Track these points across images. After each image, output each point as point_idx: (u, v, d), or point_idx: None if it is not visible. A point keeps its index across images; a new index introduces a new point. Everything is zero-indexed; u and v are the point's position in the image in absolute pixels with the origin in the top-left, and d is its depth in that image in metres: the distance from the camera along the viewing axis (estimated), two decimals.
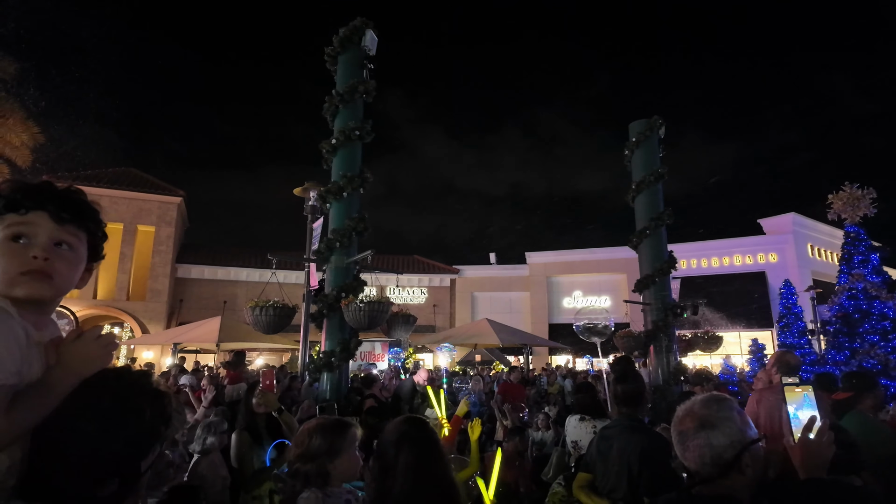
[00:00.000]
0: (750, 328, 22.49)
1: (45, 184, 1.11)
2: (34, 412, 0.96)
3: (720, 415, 1.29)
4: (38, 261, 1.04)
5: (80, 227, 1.12)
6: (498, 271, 28.79)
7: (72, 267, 1.11)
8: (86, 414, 0.98)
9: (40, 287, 1.04)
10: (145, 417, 1.05)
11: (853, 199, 12.46)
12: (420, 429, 1.73)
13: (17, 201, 1.05)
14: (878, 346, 11.24)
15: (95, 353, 1.07)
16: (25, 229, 1.05)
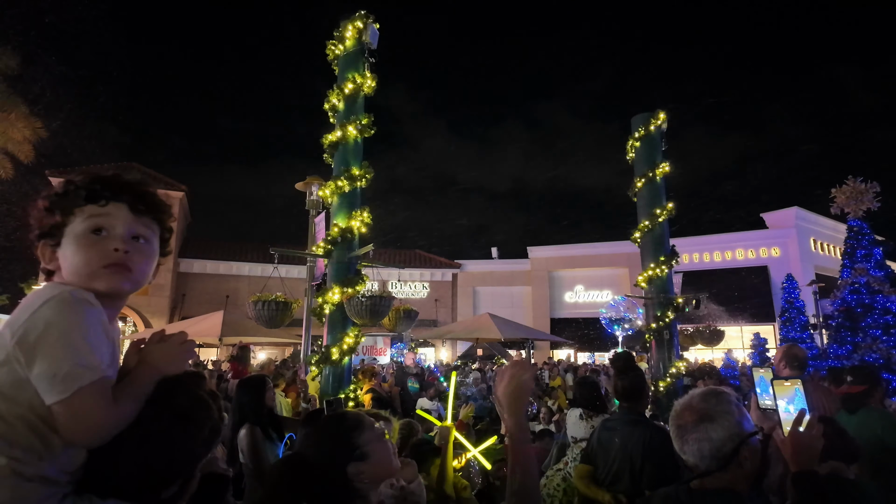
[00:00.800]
0: (752, 322, 22.48)
1: (118, 176, 1.11)
2: (133, 405, 0.97)
3: (719, 408, 1.31)
4: (118, 253, 1.04)
5: (155, 219, 1.13)
6: (499, 266, 28.81)
7: (148, 260, 1.12)
8: (165, 415, 0.99)
9: (121, 280, 1.05)
10: (213, 414, 1.08)
11: (856, 194, 12.42)
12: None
13: (97, 192, 1.05)
14: (880, 340, 11.23)
15: (179, 356, 1.09)
16: (105, 221, 1.05)
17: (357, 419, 1.39)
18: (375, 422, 1.46)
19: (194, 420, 1.01)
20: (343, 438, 1.31)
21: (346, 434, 1.32)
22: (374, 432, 1.36)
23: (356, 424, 1.36)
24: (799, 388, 1.48)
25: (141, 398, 0.99)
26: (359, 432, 1.33)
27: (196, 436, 1.01)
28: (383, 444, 1.37)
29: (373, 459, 1.31)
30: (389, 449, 1.38)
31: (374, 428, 1.38)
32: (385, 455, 1.36)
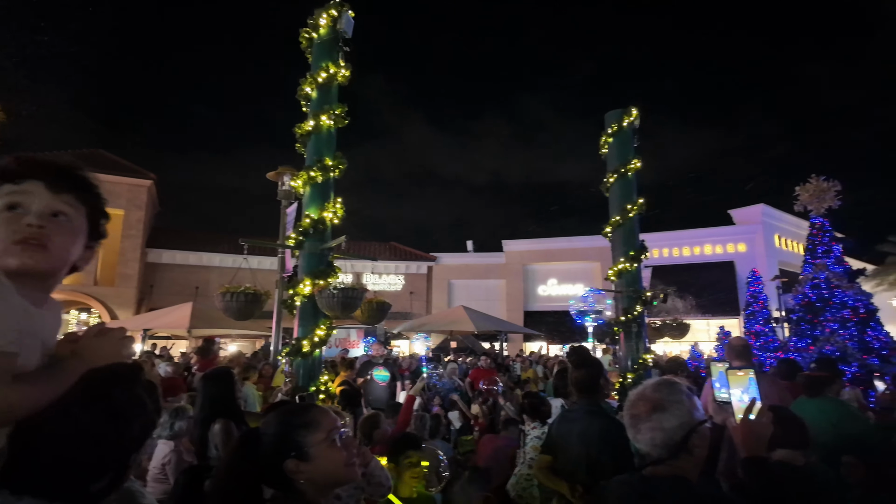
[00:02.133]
0: (718, 316, 23.12)
1: (43, 156, 1.07)
2: (41, 392, 0.93)
3: (671, 398, 1.35)
4: (31, 228, 1.00)
5: (79, 198, 1.09)
6: (475, 259, 28.94)
7: (69, 237, 1.07)
8: (95, 406, 0.95)
9: (34, 256, 1.00)
10: (148, 410, 1.04)
11: (819, 192, 12.87)
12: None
13: (12, 171, 1.02)
14: (837, 333, 11.69)
15: (115, 352, 1.05)
16: (21, 198, 1.02)
17: (311, 418, 1.31)
18: (344, 425, 1.38)
19: (125, 416, 0.98)
20: (288, 433, 1.27)
21: (294, 430, 1.27)
22: (326, 435, 1.28)
23: (308, 423, 1.29)
24: (752, 377, 1.54)
25: (57, 387, 0.95)
26: (308, 432, 1.27)
27: (125, 432, 0.98)
28: (335, 451, 1.28)
29: (316, 463, 1.24)
30: (343, 458, 1.29)
31: (330, 430, 1.30)
32: (333, 462, 1.27)
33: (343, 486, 1.89)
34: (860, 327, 11.59)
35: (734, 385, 1.56)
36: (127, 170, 21.36)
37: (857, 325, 11.61)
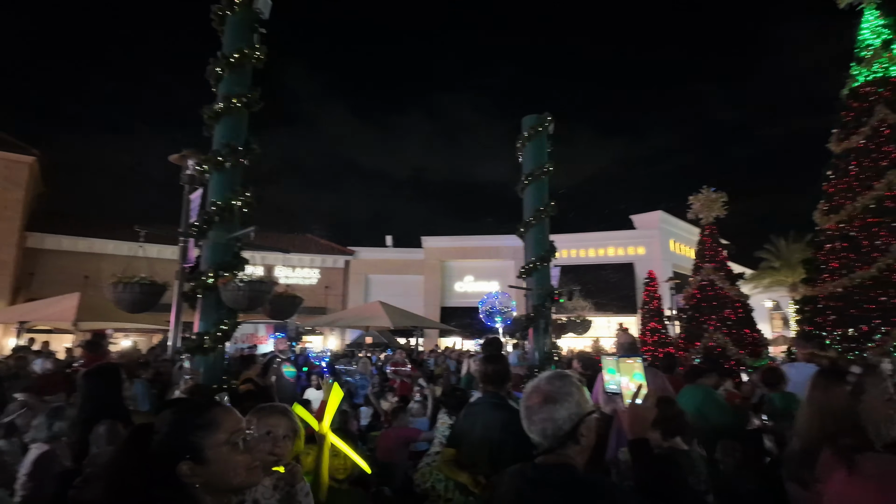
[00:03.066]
0: (618, 313, 24.79)
1: None
2: None
3: (563, 390, 1.43)
4: None
5: None
6: (394, 254, 28.83)
7: None
8: None
9: None
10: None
11: (709, 202, 14.15)
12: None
13: None
14: (719, 331, 12.98)
15: None
16: None
17: (211, 418, 1.20)
18: (246, 427, 1.28)
19: None
20: (184, 433, 1.17)
21: (191, 430, 1.17)
22: (227, 436, 1.19)
23: (207, 423, 1.19)
24: (638, 365, 1.68)
25: None
26: (206, 432, 1.17)
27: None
28: (236, 454, 1.19)
29: (214, 467, 1.15)
30: (245, 462, 1.21)
31: (233, 432, 1.21)
32: (233, 466, 1.18)
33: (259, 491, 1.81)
34: (738, 325, 12.92)
35: (624, 372, 1.69)
36: (4, 144, 18.95)
37: (735, 323, 12.93)
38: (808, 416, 1.69)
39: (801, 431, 1.71)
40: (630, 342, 4.10)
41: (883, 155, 9.87)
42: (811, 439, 1.62)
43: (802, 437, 1.68)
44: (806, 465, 1.59)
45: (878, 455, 1.45)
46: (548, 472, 1.35)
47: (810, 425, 1.66)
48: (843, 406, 1.58)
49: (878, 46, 10.52)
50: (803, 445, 1.65)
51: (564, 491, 1.29)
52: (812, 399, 1.69)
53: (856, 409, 1.57)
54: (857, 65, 10.83)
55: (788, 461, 1.73)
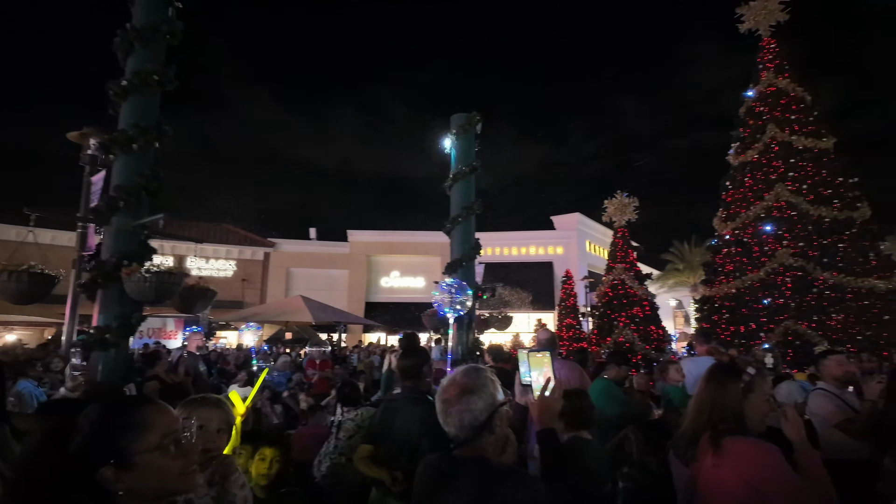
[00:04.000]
0: (537, 310, 25.77)
1: None
2: None
3: (478, 382, 1.48)
4: None
5: None
6: (318, 247, 28.07)
7: None
8: None
9: None
10: None
11: (622, 206, 15.05)
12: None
13: None
14: (628, 327, 13.85)
15: None
16: None
17: (141, 418, 1.09)
18: (182, 427, 1.16)
19: None
20: (108, 435, 1.05)
21: (117, 431, 1.05)
22: (159, 439, 1.08)
23: (137, 424, 1.07)
24: (548, 359, 1.75)
25: None
26: (136, 435, 1.05)
27: None
28: (167, 459, 1.08)
29: (142, 472, 1.04)
30: (178, 467, 1.10)
31: (166, 434, 1.10)
32: (164, 472, 1.07)
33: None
34: (645, 322, 13.86)
35: (534, 367, 1.77)
36: None
37: (643, 320, 13.86)
38: (699, 403, 1.87)
39: (691, 416, 1.89)
40: (549, 338, 4.29)
41: (773, 169, 10.97)
42: (699, 424, 1.83)
43: (692, 421, 1.87)
44: (691, 446, 1.81)
45: (739, 438, 1.70)
46: (463, 465, 1.39)
47: (700, 412, 1.85)
48: (732, 400, 1.79)
49: (771, 71, 11.67)
50: (691, 429, 1.85)
51: (479, 482, 1.33)
52: (707, 389, 1.87)
53: (743, 403, 1.80)
54: (753, 86, 11.95)
55: (677, 442, 1.92)
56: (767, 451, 1.64)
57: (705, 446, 1.75)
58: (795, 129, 11.05)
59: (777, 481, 1.57)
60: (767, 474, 1.58)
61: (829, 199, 10.40)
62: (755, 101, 11.76)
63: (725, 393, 1.81)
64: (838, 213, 10.21)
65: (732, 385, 1.82)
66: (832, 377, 3.80)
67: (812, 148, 10.83)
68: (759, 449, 1.65)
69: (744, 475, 1.61)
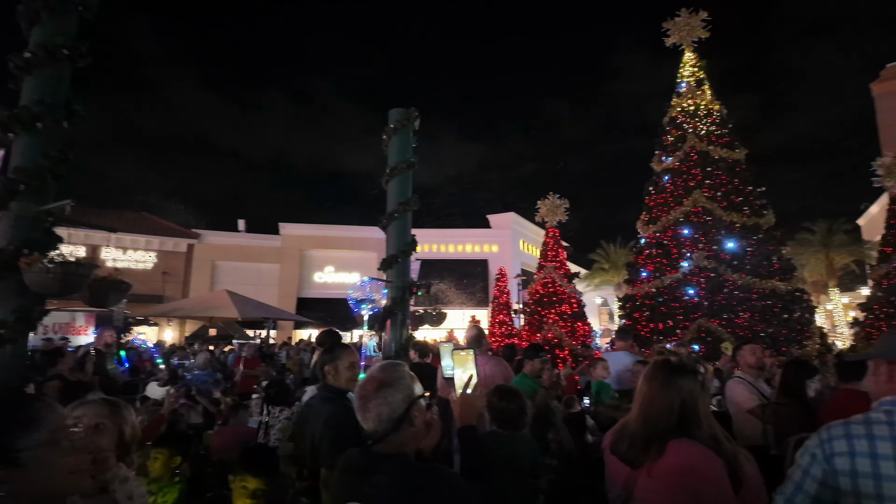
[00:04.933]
0: (471, 307, 26.15)
1: None
2: None
3: (395, 375, 1.49)
4: None
5: None
6: (247, 240, 26.96)
7: None
8: None
9: None
10: None
11: (553, 207, 15.57)
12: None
13: None
14: (557, 324, 14.37)
15: None
16: None
17: (30, 415, 1.04)
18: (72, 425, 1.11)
19: None
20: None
21: (3, 429, 1.00)
22: (49, 436, 1.03)
23: (25, 421, 1.02)
24: (471, 357, 1.78)
25: None
26: (23, 432, 1.00)
27: None
28: (55, 456, 1.03)
29: (29, 472, 0.98)
30: (68, 466, 1.05)
31: (55, 430, 1.05)
32: (52, 471, 1.02)
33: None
34: (573, 319, 14.43)
35: (458, 364, 1.79)
36: None
37: (571, 317, 14.42)
38: (650, 402, 1.73)
39: (640, 416, 1.74)
40: (476, 335, 4.37)
41: (691, 176, 11.72)
42: (649, 425, 1.69)
43: (641, 422, 1.73)
44: (640, 448, 1.67)
45: (685, 442, 1.61)
46: (381, 460, 1.38)
47: (649, 412, 1.71)
48: (685, 399, 1.67)
49: (693, 84, 12.47)
50: (641, 431, 1.70)
51: (397, 477, 1.33)
52: (660, 388, 1.73)
53: (697, 404, 1.68)
54: (676, 97, 12.71)
55: (621, 439, 1.77)
56: (712, 460, 1.58)
57: (656, 449, 1.63)
58: (712, 140, 11.88)
59: (716, 494, 1.52)
60: (706, 489, 1.52)
61: (739, 206, 11.27)
62: (677, 111, 12.52)
63: (679, 392, 1.68)
64: (747, 220, 11.09)
65: (687, 384, 1.70)
66: (748, 365, 4.11)
67: (726, 158, 11.68)
68: (704, 456, 1.58)
69: (684, 482, 1.54)
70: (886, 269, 11.69)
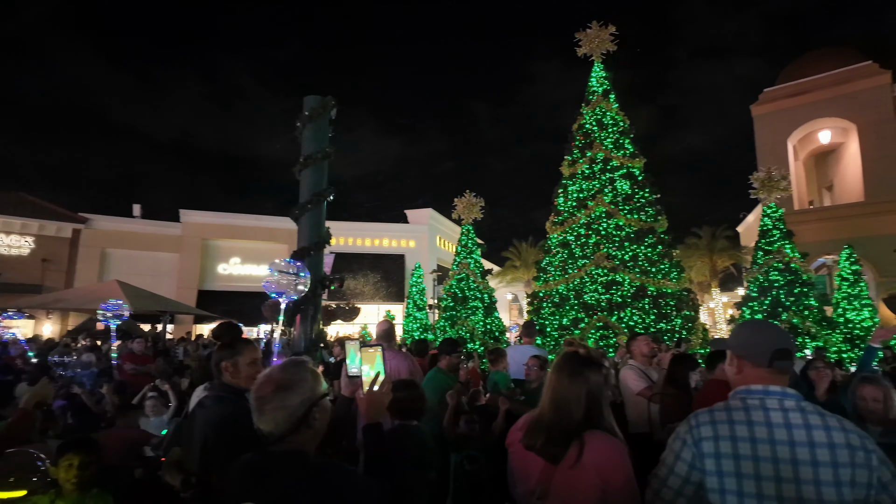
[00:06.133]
0: (387, 301, 26.04)
1: None
2: None
3: (296, 377, 1.42)
4: None
5: None
6: (142, 226, 24.90)
7: None
8: None
9: None
10: None
11: (470, 205, 15.89)
12: None
13: None
14: (471, 318, 14.70)
15: None
16: None
17: None
18: None
19: None
20: None
21: None
22: None
23: None
24: (379, 354, 1.77)
25: None
26: None
27: None
28: None
29: None
30: None
31: None
32: None
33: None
34: (486, 314, 14.82)
35: (365, 361, 1.78)
36: None
37: (483, 312, 14.80)
38: (560, 394, 1.73)
39: (552, 409, 1.74)
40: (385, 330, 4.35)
41: (597, 181, 12.44)
42: (563, 417, 1.70)
43: (554, 416, 1.72)
44: (558, 440, 1.67)
45: (600, 434, 1.67)
46: (278, 460, 1.33)
47: (561, 405, 1.72)
48: (592, 391, 1.71)
49: (600, 94, 13.22)
50: (557, 427, 1.70)
51: (295, 477, 1.29)
52: (569, 381, 1.74)
53: (602, 395, 1.74)
54: (585, 106, 13.43)
55: (534, 434, 1.74)
56: (623, 450, 1.65)
57: (574, 441, 1.65)
58: (616, 148, 12.69)
59: (624, 483, 1.59)
60: (616, 477, 1.59)
61: (637, 211, 12.13)
62: (586, 119, 13.23)
63: (587, 383, 1.71)
64: (643, 224, 11.97)
65: (594, 376, 1.74)
66: (641, 354, 4.56)
67: (628, 166, 12.53)
68: (618, 448, 1.65)
69: (601, 473, 1.59)
70: (758, 272, 13.20)
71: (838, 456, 1.35)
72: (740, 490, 1.39)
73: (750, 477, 1.39)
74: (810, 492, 1.34)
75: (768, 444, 1.40)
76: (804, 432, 1.39)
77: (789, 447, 1.38)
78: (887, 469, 1.37)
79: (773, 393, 1.48)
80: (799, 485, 1.35)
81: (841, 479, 1.33)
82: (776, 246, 13.23)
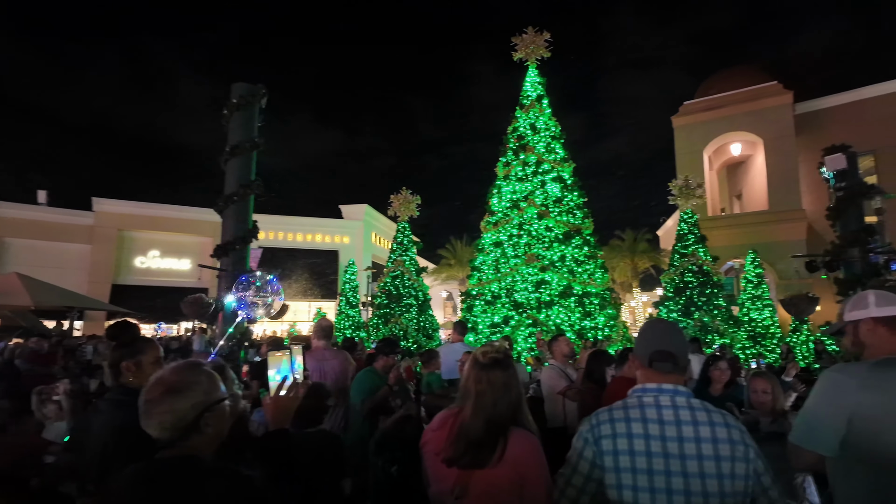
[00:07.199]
0: (319, 299, 25.47)
1: None
2: None
3: (189, 380, 1.35)
4: None
5: None
6: (48, 215, 22.89)
7: None
8: None
9: None
10: None
11: (406, 202, 15.84)
12: None
13: None
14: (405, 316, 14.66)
15: None
16: None
17: None
18: None
19: None
20: None
21: None
22: None
23: None
24: (286, 358, 1.74)
25: None
26: None
27: None
28: None
29: None
30: None
31: None
32: None
33: None
34: (420, 312, 14.84)
35: (272, 365, 1.73)
36: None
37: (418, 310, 14.82)
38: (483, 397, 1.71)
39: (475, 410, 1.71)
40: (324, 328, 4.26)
41: (529, 184, 12.78)
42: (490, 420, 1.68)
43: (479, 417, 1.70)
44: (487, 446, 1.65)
45: (521, 431, 1.68)
46: (168, 466, 1.27)
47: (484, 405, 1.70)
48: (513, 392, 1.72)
49: (534, 98, 13.58)
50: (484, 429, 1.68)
51: (185, 483, 1.23)
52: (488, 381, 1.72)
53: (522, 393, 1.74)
54: (520, 109, 13.75)
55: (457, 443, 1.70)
56: (539, 446, 1.68)
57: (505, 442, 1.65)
58: (547, 152, 13.09)
59: (540, 477, 1.63)
60: (534, 472, 1.63)
61: (566, 213, 12.60)
62: (520, 123, 13.55)
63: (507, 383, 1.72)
64: (572, 226, 12.45)
65: (512, 376, 1.75)
66: (561, 354, 4.72)
67: (559, 169, 12.96)
68: (536, 444, 1.68)
69: (519, 469, 1.61)
70: (674, 274, 14.13)
71: (721, 450, 1.46)
72: (635, 484, 1.47)
73: (643, 472, 1.47)
74: (697, 484, 1.44)
75: (660, 440, 1.49)
76: (692, 428, 1.50)
77: (678, 442, 1.48)
78: (762, 462, 1.50)
79: (666, 391, 1.58)
80: (686, 478, 1.44)
81: (723, 472, 1.44)
82: (691, 249, 14.21)
